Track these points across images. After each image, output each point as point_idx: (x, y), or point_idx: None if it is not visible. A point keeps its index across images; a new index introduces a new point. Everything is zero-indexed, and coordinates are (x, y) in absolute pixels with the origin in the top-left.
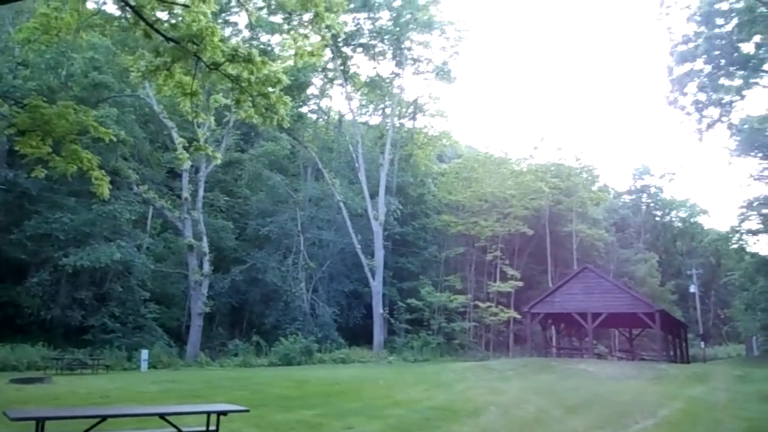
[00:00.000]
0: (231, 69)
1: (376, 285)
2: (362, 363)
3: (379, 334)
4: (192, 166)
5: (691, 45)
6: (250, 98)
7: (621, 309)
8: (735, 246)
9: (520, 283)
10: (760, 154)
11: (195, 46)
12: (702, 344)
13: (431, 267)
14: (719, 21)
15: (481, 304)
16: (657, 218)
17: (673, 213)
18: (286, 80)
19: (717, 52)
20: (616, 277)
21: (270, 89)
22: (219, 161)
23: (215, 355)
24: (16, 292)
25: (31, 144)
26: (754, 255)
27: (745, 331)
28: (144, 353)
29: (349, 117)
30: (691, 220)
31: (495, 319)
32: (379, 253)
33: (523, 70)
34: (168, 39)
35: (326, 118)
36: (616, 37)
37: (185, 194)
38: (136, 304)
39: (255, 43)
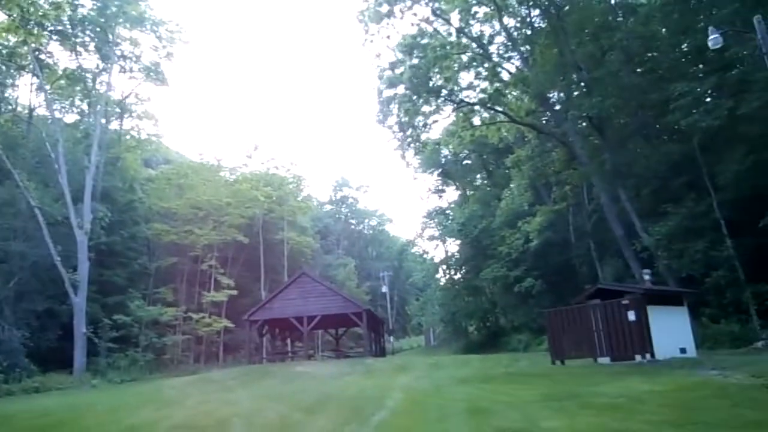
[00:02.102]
0: None
1: (79, 302)
2: (62, 390)
3: (80, 356)
4: None
5: (396, 71)
6: None
7: (334, 311)
8: (417, 250)
9: (235, 292)
10: (436, 172)
11: None
12: (390, 338)
13: (141, 279)
14: (418, 53)
15: (194, 315)
16: (353, 226)
17: (366, 221)
18: None
19: (416, 80)
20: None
21: None
22: None
23: None
24: None
25: None
26: (431, 259)
27: (425, 324)
28: None
29: (41, 111)
30: (380, 228)
31: (208, 330)
32: (83, 266)
33: (239, 78)
34: None
35: (12, 110)
36: (332, 55)
37: None
38: None
39: None
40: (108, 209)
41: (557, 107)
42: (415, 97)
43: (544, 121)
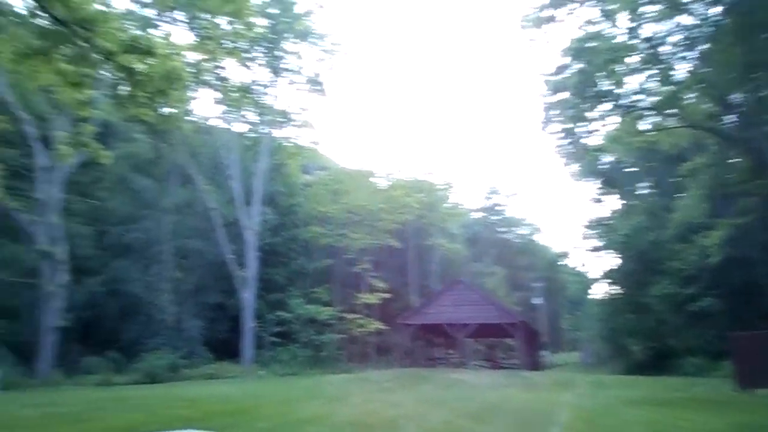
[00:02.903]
0: (126, 60)
1: (248, 297)
2: (233, 378)
3: (248, 348)
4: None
5: (561, 76)
6: (145, 94)
7: (489, 320)
8: (571, 262)
9: (388, 295)
10: (598, 180)
11: (86, 31)
12: (547, 353)
13: (299, 278)
14: (584, 56)
15: (348, 316)
16: (502, 235)
17: (516, 230)
18: (187, 77)
19: (582, 85)
20: None
21: (169, 86)
22: (109, 160)
23: (70, 374)
24: None
25: None
26: (586, 272)
27: (582, 340)
28: None
29: (215, 122)
30: (530, 237)
31: (361, 330)
32: (252, 264)
33: (391, 86)
34: (57, 20)
35: (193, 120)
36: (487, 61)
37: (40, 196)
38: None
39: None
40: (272, 212)
41: (741, 110)
42: (580, 102)
43: (725, 126)
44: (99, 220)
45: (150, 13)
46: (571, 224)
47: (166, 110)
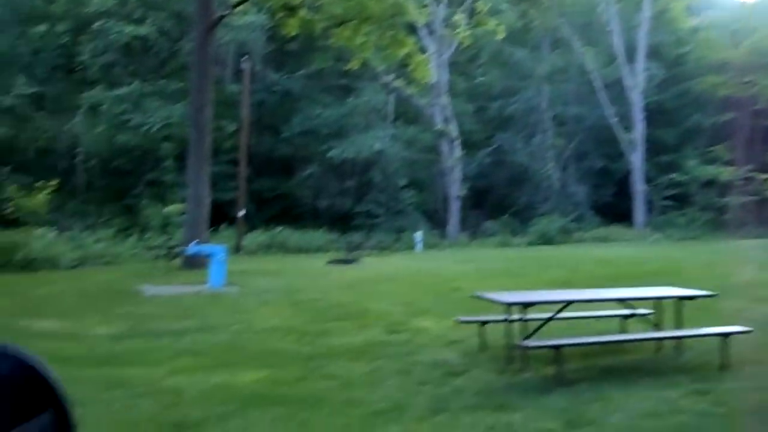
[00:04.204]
0: None
1: (636, 160)
2: (626, 242)
3: (639, 211)
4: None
5: None
6: None
7: None
8: None
9: None
10: None
11: None
12: None
13: (693, 137)
14: None
15: (756, 176)
16: None
17: None
18: None
19: None
20: None
21: None
22: (502, 36)
23: (473, 236)
24: (289, 185)
25: (345, 35)
26: None
27: None
28: (418, 235)
29: None
30: None
31: None
32: (639, 126)
33: None
34: None
35: None
36: None
37: (433, 80)
38: (395, 191)
39: None
40: (657, 66)
41: None
42: None
43: None
44: (479, 96)
45: None
46: None
47: None
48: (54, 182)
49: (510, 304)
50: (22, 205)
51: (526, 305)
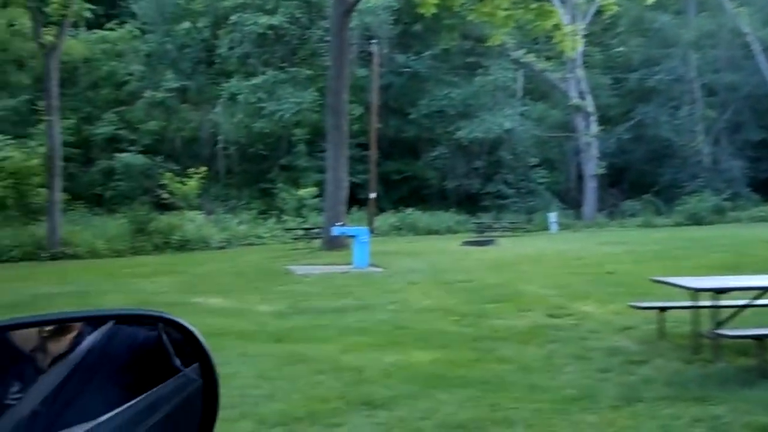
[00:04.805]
0: None
1: None
2: None
3: None
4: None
5: None
6: None
7: None
8: None
9: None
10: None
11: None
12: None
13: None
14: None
15: None
16: None
17: None
18: None
19: None
20: None
21: None
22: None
23: (611, 216)
24: (416, 167)
25: (486, 9)
26: None
27: None
28: (553, 215)
29: None
30: None
31: None
32: None
33: None
34: None
35: None
36: None
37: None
38: (525, 170)
39: None
40: None
41: None
42: None
43: None
44: (617, 68)
45: None
46: None
47: None
48: (203, 169)
49: (698, 290)
50: (176, 191)
51: (719, 291)
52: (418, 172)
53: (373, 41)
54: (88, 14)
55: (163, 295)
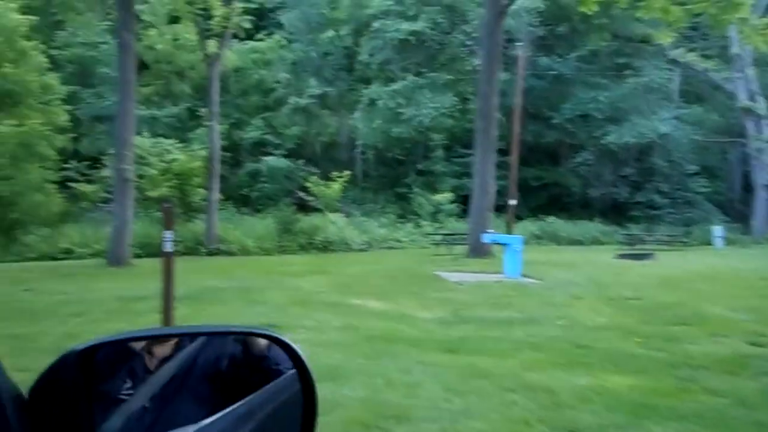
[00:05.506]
0: None
1: None
2: None
3: None
4: None
5: None
6: None
7: None
8: None
9: None
10: None
11: None
12: None
13: None
14: None
15: None
16: None
17: None
18: None
19: None
20: None
21: None
22: None
23: None
24: (556, 174)
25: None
26: None
27: None
28: (718, 229)
29: None
30: None
31: None
32: None
33: None
34: None
35: None
36: None
37: (734, 50)
38: (681, 179)
39: None
40: None
41: None
42: None
43: None
44: None
45: None
46: None
47: None
48: (346, 173)
49: None
50: (320, 194)
51: None
52: (558, 178)
53: (519, 44)
54: (247, 25)
55: (322, 295)
